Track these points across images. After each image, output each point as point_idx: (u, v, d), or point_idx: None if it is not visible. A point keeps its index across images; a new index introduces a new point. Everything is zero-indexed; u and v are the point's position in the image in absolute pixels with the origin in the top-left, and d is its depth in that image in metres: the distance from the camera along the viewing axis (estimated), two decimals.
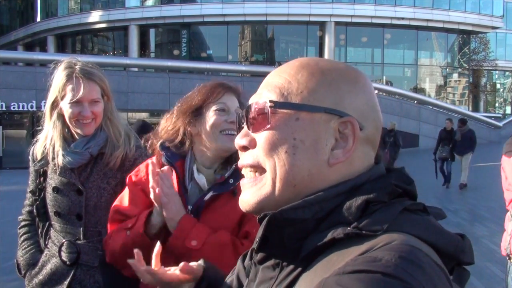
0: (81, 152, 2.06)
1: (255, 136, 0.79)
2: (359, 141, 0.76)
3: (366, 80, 0.82)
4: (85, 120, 2.04)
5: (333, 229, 0.69)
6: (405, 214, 0.71)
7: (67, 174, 2.07)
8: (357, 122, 0.76)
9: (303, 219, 0.72)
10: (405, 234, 0.66)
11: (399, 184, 0.75)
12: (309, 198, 0.73)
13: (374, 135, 0.80)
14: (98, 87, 2.07)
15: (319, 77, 0.78)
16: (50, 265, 2.11)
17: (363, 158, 0.78)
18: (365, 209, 0.71)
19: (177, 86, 20.17)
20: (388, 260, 0.60)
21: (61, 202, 2.08)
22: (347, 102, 0.77)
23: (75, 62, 2.07)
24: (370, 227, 0.67)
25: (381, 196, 0.72)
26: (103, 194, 2.08)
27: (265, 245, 0.76)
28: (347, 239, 0.68)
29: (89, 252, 2.08)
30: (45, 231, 2.17)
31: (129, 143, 2.14)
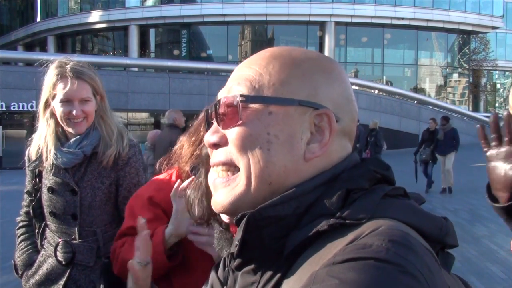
0: (75, 151, 2.06)
1: (226, 132, 0.74)
2: (335, 133, 0.73)
3: (341, 70, 0.79)
4: (75, 119, 2.04)
5: (316, 222, 0.66)
6: (387, 200, 0.68)
7: (61, 174, 2.07)
8: (333, 114, 0.73)
9: (283, 216, 0.68)
10: (390, 219, 0.64)
11: (377, 170, 0.73)
12: (287, 193, 0.69)
13: (351, 127, 0.77)
14: (89, 86, 2.06)
15: (291, 68, 0.74)
16: (46, 265, 2.11)
17: (340, 151, 0.75)
18: (346, 198, 0.68)
19: (177, 86, 20.17)
20: (379, 245, 0.58)
21: (56, 202, 2.08)
22: (322, 94, 0.74)
23: (66, 62, 2.07)
24: (354, 215, 0.64)
25: (361, 183, 0.70)
26: (97, 193, 2.08)
27: (244, 249, 0.70)
28: (331, 231, 0.64)
29: (84, 251, 2.08)
30: (41, 231, 2.17)
31: (122, 141, 2.13)
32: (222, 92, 0.78)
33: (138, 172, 2.16)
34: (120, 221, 2.16)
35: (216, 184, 0.76)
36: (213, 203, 0.77)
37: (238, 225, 0.70)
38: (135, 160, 2.16)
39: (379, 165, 0.75)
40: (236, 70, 0.79)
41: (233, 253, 0.72)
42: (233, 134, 0.73)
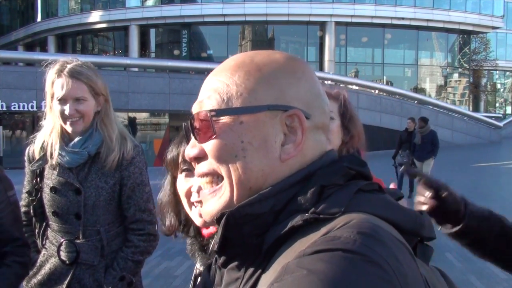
0: (79, 151, 2.07)
1: (203, 146, 0.77)
2: (308, 130, 0.76)
3: (306, 68, 0.81)
4: (70, 118, 2.05)
5: (292, 218, 0.69)
6: (361, 194, 0.71)
7: (65, 174, 2.08)
8: (303, 113, 0.75)
9: (261, 213, 0.71)
10: (363, 213, 0.66)
11: (352, 167, 0.75)
12: (264, 191, 0.73)
13: (323, 120, 0.80)
14: (85, 85, 2.07)
15: (256, 74, 0.77)
16: (48, 265, 2.12)
17: (316, 146, 0.78)
18: (321, 194, 0.71)
19: (177, 86, 20.17)
20: (347, 237, 0.60)
21: (59, 202, 2.08)
22: (289, 94, 0.76)
23: (68, 62, 2.09)
24: (328, 210, 0.67)
25: (335, 179, 0.72)
26: (101, 193, 2.09)
27: (227, 245, 0.74)
28: (306, 226, 0.67)
29: (89, 251, 2.08)
30: (42, 231, 2.17)
31: (125, 144, 2.14)
32: (195, 106, 0.81)
33: (141, 172, 2.18)
34: (123, 220, 2.19)
35: (203, 196, 0.81)
36: (203, 214, 0.81)
37: (218, 224, 0.73)
38: (139, 160, 2.17)
39: (355, 162, 0.77)
40: (206, 81, 0.82)
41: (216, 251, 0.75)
42: (209, 147, 0.77)
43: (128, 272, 2.11)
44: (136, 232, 2.16)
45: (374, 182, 0.76)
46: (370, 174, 0.78)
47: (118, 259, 2.12)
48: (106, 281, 2.09)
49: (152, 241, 2.19)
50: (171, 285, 5.38)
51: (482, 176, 13.28)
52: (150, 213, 2.19)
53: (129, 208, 2.15)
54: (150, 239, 2.17)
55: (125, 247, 2.15)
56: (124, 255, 2.13)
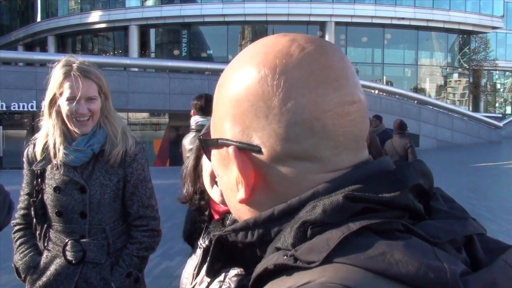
0: (84, 150, 2.08)
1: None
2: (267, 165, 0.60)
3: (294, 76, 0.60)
4: (81, 117, 2.05)
5: (271, 256, 0.57)
6: (363, 238, 0.52)
7: (70, 173, 2.08)
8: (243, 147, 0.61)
9: (250, 242, 0.61)
10: (348, 266, 0.50)
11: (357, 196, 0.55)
12: (249, 219, 0.62)
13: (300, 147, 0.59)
14: (95, 84, 2.09)
15: (219, 98, 0.66)
16: (53, 266, 2.11)
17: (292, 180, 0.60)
18: (305, 232, 0.55)
19: (177, 86, 20.16)
20: None
21: (64, 202, 2.08)
22: (234, 124, 0.62)
23: (73, 60, 2.09)
24: (306, 256, 0.52)
25: (324, 216, 0.54)
26: (106, 191, 2.10)
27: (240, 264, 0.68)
28: (283, 270, 0.54)
29: (95, 249, 2.09)
30: (43, 233, 2.16)
31: (127, 140, 2.16)
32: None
33: (144, 168, 2.20)
34: (126, 217, 2.20)
35: None
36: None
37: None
38: (141, 157, 2.19)
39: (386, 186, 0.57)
40: None
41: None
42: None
43: (134, 269, 2.13)
44: (140, 228, 2.17)
45: (395, 220, 0.54)
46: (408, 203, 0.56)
47: (123, 256, 2.14)
48: (113, 278, 2.10)
49: (156, 237, 2.21)
50: (171, 285, 5.37)
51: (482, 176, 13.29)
52: (153, 209, 2.21)
53: (133, 204, 2.16)
54: (154, 235, 2.19)
55: (130, 243, 2.17)
56: (129, 252, 2.14)
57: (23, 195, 2.21)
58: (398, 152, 7.80)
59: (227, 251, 0.64)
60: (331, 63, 0.61)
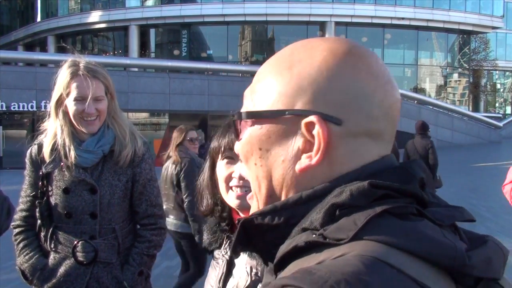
0: (95, 151, 2.09)
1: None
2: (337, 138, 0.66)
3: (349, 63, 0.68)
4: (89, 117, 2.06)
5: (299, 236, 0.63)
6: (384, 219, 0.60)
7: (81, 174, 2.08)
8: (327, 118, 0.65)
9: (276, 225, 0.66)
10: (375, 242, 0.57)
11: (379, 184, 0.63)
12: (277, 203, 0.67)
13: (367, 126, 0.67)
14: (102, 84, 2.09)
15: (284, 74, 0.69)
16: (63, 267, 2.10)
17: (351, 157, 0.67)
18: (333, 213, 0.62)
19: (177, 86, 20.16)
20: (320, 276, 0.53)
21: (74, 203, 2.08)
22: (315, 97, 0.66)
23: (79, 61, 2.09)
24: (334, 234, 0.59)
25: (352, 199, 0.62)
26: (115, 191, 2.11)
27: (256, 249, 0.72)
28: (312, 247, 0.61)
29: (106, 249, 2.10)
30: (50, 234, 2.14)
31: (136, 141, 2.18)
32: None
33: (151, 168, 2.22)
34: (133, 216, 2.22)
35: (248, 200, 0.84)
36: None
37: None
38: (148, 156, 2.22)
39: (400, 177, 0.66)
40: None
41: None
42: (237, 150, 0.75)
43: (145, 267, 2.16)
44: (148, 227, 2.20)
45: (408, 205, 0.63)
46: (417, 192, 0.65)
47: (133, 255, 2.16)
48: (125, 277, 2.12)
49: (163, 235, 2.25)
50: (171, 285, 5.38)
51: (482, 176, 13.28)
52: (160, 207, 2.25)
53: (141, 203, 2.18)
54: (161, 233, 2.23)
55: (138, 242, 2.19)
56: (139, 251, 2.16)
57: (25, 197, 2.19)
58: (419, 152, 7.91)
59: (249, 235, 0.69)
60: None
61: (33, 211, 2.16)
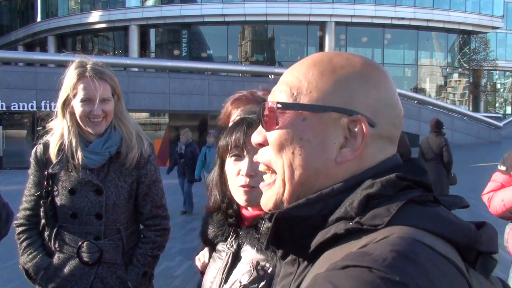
0: (102, 152, 2.09)
1: (267, 134, 0.80)
2: (370, 138, 0.75)
3: (381, 76, 0.80)
4: (96, 118, 2.06)
5: (336, 224, 0.70)
6: (410, 206, 0.69)
7: (88, 175, 2.08)
8: (367, 120, 0.75)
9: (309, 216, 0.73)
10: (408, 226, 0.66)
11: (404, 176, 0.73)
12: (312, 196, 0.74)
13: (390, 131, 0.79)
14: (109, 86, 2.10)
15: (329, 75, 0.78)
16: (67, 267, 2.11)
17: (376, 154, 0.77)
18: (367, 203, 0.70)
19: (177, 86, 20.17)
20: (378, 255, 0.60)
21: (79, 203, 2.08)
22: (358, 100, 0.76)
23: (86, 62, 2.10)
24: (371, 221, 0.67)
25: (382, 189, 0.71)
26: (121, 192, 2.12)
27: (280, 242, 0.77)
28: (349, 235, 0.68)
29: (111, 250, 2.11)
30: (54, 234, 2.14)
31: (142, 142, 2.18)
32: (270, 95, 0.84)
33: (156, 169, 2.24)
34: (137, 216, 2.23)
35: (261, 187, 0.85)
36: (261, 203, 0.84)
37: (270, 222, 0.76)
38: (153, 158, 2.23)
39: (413, 171, 0.76)
40: (283, 74, 0.84)
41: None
42: (271, 137, 0.79)
43: (148, 268, 2.18)
44: (152, 228, 2.21)
45: (428, 193, 0.74)
46: (429, 183, 0.76)
47: (137, 256, 2.17)
48: (130, 278, 2.13)
49: (167, 236, 2.26)
50: (171, 285, 5.38)
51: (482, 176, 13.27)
52: (164, 208, 2.26)
53: (146, 204, 2.19)
54: (165, 234, 2.24)
55: (142, 243, 2.20)
56: (143, 251, 2.17)
57: (29, 196, 2.19)
58: (433, 150, 8.01)
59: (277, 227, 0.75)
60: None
61: (37, 210, 2.16)
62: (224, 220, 1.46)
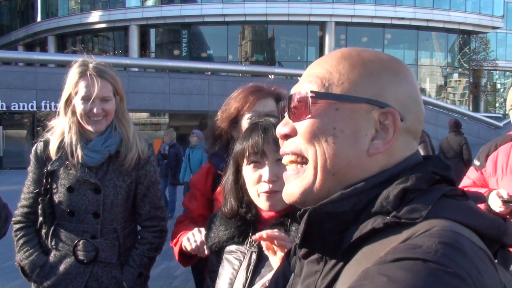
0: (101, 150, 2.09)
1: (296, 125, 0.80)
2: (399, 131, 0.77)
3: (408, 72, 0.82)
4: (95, 117, 2.07)
5: (372, 219, 0.70)
6: (444, 200, 0.71)
7: (86, 173, 2.09)
8: (398, 113, 0.76)
9: (343, 212, 0.73)
10: (445, 220, 0.67)
11: (436, 171, 0.75)
12: (346, 191, 0.74)
13: (416, 126, 0.80)
14: (110, 85, 2.10)
15: (360, 68, 0.79)
16: (63, 265, 2.11)
17: (403, 149, 0.78)
18: (403, 197, 0.71)
19: (177, 86, 20.16)
20: (429, 246, 0.60)
21: (77, 202, 2.09)
22: (388, 93, 0.77)
23: (89, 61, 2.11)
24: (409, 215, 0.68)
25: (418, 183, 0.72)
26: (119, 192, 2.12)
27: (307, 239, 0.76)
28: (387, 229, 0.68)
29: (107, 249, 2.11)
30: (52, 231, 2.14)
31: (140, 143, 2.18)
32: (295, 88, 0.83)
33: (155, 170, 2.25)
34: (135, 217, 2.23)
35: (287, 176, 0.83)
36: (284, 195, 0.83)
37: (301, 219, 0.76)
38: (153, 159, 2.24)
39: (439, 165, 0.77)
40: (309, 68, 0.84)
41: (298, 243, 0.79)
42: (302, 127, 0.79)
43: (144, 269, 2.17)
44: (150, 229, 2.21)
45: (458, 188, 0.75)
46: (454, 178, 0.78)
47: (133, 256, 2.16)
48: (125, 278, 2.12)
49: (164, 237, 2.26)
50: (171, 285, 5.38)
51: None
52: (162, 210, 2.27)
53: (144, 205, 2.19)
54: (162, 235, 2.24)
55: (139, 244, 2.20)
56: (140, 252, 2.17)
57: (28, 193, 2.19)
58: (454, 149, 8.33)
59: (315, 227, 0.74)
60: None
61: (35, 207, 2.16)
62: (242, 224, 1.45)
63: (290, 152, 0.81)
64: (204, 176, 2.09)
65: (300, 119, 0.79)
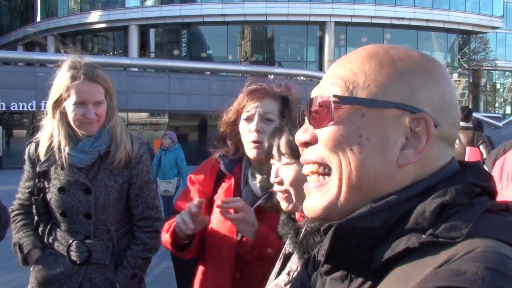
0: (90, 151, 2.07)
1: (317, 132, 0.72)
2: (433, 139, 0.68)
3: (443, 71, 0.73)
4: (89, 121, 2.04)
5: (406, 237, 0.63)
6: (486, 216, 0.63)
7: (75, 174, 2.07)
8: (431, 119, 0.68)
9: (372, 228, 0.66)
10: (488, 239, 0.59)
11: (477, 182, 0.67)
12: (377, 204, 0.66)
13: (451, 132, 0.71)
14: (102, 88, 2.07)
15: (388, 68, 0.70)
16: (57, 265, 2.10)
17: (438, 157, 0.70)
18: (441, 213, 0.63)
19: (177, 86, 20.15)
20: (474, 273, 0.54)
21: (68, 202, 2.07)
22: (421, 96, 0.69)
23: (80, 62, 2.06)
24: (448, 233, 0.60)
25: (458, 198, 0.64)
26: (111, 192, 2.09)
27: (331, 256, 0.69)
28: (422, 248, 0.61)
29: (100, 250, 2.09)
30: (48, 230, 2.15)
31: (130, 141, 2.15)
32: (315, 90, 0.75)
33: (148, 170, 2.21)
34: (130, 217, 2.20)
35: (308, 189, 0.75)
36: (306, 209, 0.75)
37: (325, 234, 0.69)
38: (146, 158, 2.20)
39: (479, 175, 0.69)
40: (331, 68, 0.76)
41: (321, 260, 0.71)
42: (323, 134, 0.71)
43: (138, 270, 2.13)
44: (144, 230, 2.18)
45: (502, 202, 0.67)
46: (495, 190, 0.70)
47: (127, 257, 2.14)
48: (118, 279, 2.10)
49: (159, 238, 2.20)
50: (170, 285, 5.38)
51: None
52: (157, 210, 2.22)
53: (137, 205, 2.16)
54: (157, 236, 2.19)
55: (134, 244, 2.17)
56: (133, 253, 2.14)
57: (23, 188, 2.20)
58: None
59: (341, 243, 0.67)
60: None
61: (30, 201, 2.16)
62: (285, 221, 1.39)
63: (311, 161, 0.73)
64: (209, 172, 1.98)
65: (321, 126, 0.71)
